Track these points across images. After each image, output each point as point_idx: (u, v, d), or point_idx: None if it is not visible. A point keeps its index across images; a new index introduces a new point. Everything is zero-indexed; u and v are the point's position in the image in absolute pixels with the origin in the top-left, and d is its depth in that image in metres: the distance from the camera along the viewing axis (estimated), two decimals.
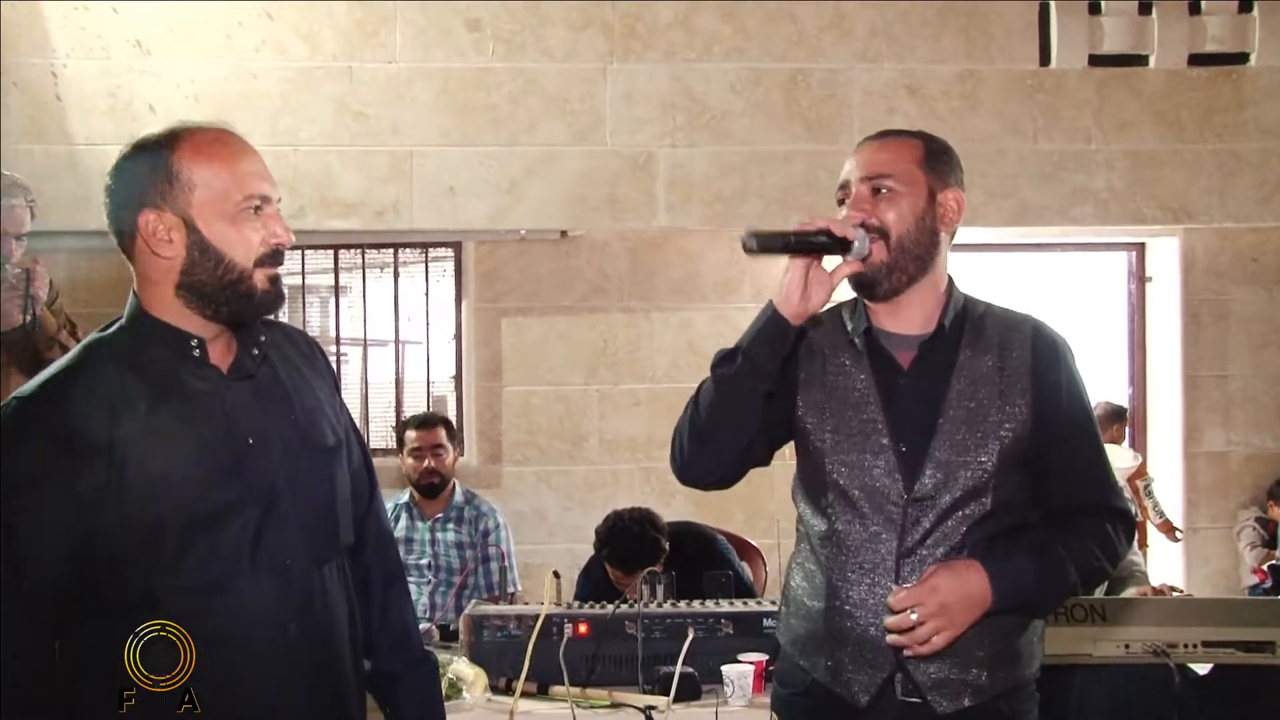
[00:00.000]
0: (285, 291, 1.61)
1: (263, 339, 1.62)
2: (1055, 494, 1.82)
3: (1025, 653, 1.81)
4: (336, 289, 5.18)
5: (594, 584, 3.49)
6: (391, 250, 5.14)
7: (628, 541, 3.32)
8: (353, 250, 5.13)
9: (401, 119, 4.66)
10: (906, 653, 1.70)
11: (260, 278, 1.55)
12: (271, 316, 1.66)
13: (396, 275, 5.17)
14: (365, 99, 4.65)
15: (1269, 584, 4.23)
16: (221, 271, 1.53)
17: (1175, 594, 3.52)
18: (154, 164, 1.53)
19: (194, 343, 1.55)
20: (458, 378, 5.19)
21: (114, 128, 4.50)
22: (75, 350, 1.56)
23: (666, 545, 3.33)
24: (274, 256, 1.56)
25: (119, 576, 1.49)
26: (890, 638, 1.70)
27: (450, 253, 5.15)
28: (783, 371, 1.79)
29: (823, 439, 1.82)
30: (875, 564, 1.77)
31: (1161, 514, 4.98)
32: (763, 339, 1.73)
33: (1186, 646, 2.73)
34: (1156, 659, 2.71)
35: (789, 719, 1.92)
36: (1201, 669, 2.85)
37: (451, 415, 4.98)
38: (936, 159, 1.85)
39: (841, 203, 1.83)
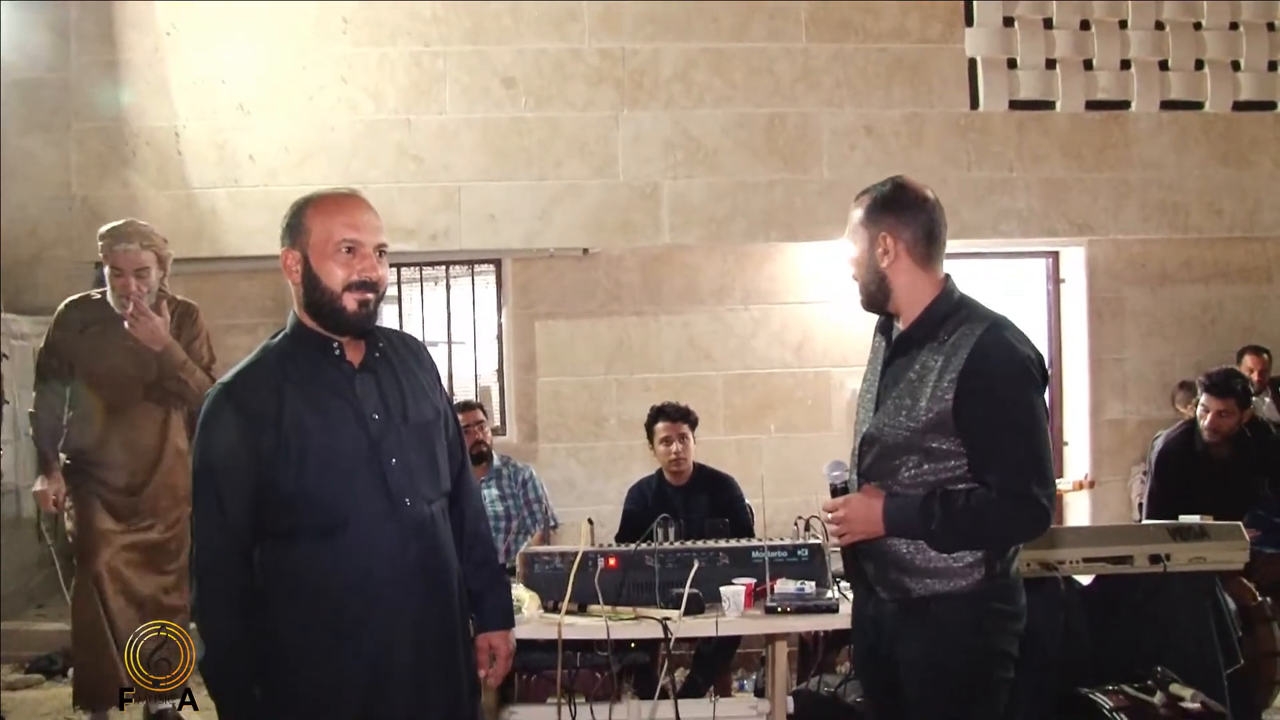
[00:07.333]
0: (377, 312, 1.93)
1: (381, 344, 2.00)
2: (972, 468, 2.01)
3: (936, 571, 2.02)
4: (400, 299, 5.75)
5: (639, 496, 4.25)
6: (444, 267, 5.76)
7: (670, 405, 4.20)
8: (411, 267, 5.73)
9: (450, 160, 5.31)
10: (832, 542, 2.12)
11: (349, 300, 1.89)
12: (373, 327, 1.97)
13: (448, 287, 5.81)
14: (421, 144, 5.30)
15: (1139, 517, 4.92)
16: (319, 294, 1.89)
17: None
18: (294, 216, 1.93)
19: (335, 345, 1.94)
20: (500, 371, 5.79)
21: (220, 174, 5.18)
22: (255, 351, 1.97)
23: (695, 417, 4.19)
24: (363, 286, 1.89)
25: (287, 509, 1.86)
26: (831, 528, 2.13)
27: (492, 268, 5.78)
28: None
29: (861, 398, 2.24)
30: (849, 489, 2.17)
31: None
32: None
33: (1070, 562, 3.18)
34: (1047, 571, 3.15)
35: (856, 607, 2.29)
36: (1085, 580, 3.25)
37: (495, 402, 5.66)
38: (876, 210, 2.06)
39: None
